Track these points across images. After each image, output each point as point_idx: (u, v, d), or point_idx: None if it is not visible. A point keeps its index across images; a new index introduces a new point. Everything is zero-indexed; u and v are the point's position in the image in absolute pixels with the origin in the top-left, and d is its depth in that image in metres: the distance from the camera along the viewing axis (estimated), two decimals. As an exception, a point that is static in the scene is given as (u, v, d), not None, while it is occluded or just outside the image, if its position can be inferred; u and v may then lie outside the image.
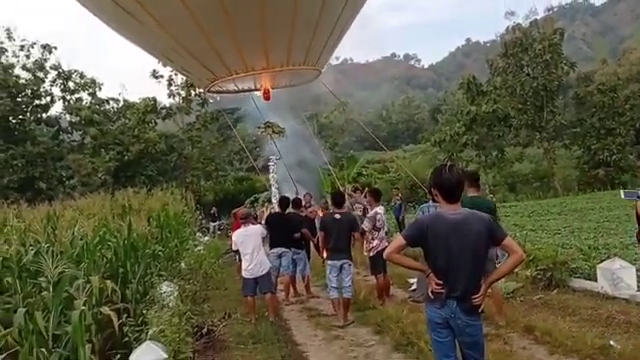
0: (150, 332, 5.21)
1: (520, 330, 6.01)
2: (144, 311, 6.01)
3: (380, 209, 8.55)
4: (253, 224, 8.64)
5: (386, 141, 75.75)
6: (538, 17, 37.32)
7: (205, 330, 6.15)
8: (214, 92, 12.17)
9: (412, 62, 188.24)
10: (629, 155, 32.38)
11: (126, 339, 5.55)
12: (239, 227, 13.92)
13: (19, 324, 4.96)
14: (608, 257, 8.47)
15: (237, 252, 13.42)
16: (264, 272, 8.09)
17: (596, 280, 7.43)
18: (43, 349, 4.78)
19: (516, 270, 8.49)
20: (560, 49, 32.12)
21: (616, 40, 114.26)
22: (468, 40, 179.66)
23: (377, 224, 8.27)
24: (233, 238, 8.72)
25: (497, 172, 34.30)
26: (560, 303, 6.95)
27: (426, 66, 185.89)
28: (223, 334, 6.59)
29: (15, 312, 5.15)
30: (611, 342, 5.14)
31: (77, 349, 5.05)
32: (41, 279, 6.04)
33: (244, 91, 11.69)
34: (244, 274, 8.16)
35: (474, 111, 32.50)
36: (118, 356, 4.67)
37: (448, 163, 4.07)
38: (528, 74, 32.46)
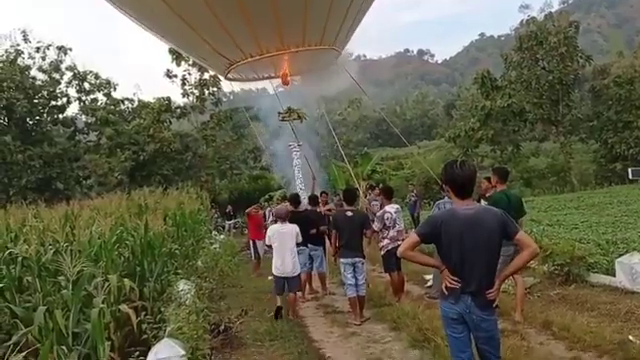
0: (168, 329, 5.26)
1: (538, 326, 5.97)
2: (162, 309, 6.07)
3: (391, 207, 8.42)
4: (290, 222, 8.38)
5: (400, 137, 75.71)
6: (553, 10, 36.91)
7: (222, 327, 6.19)
8: (234, 80, 12.06)
9: (426, 57, 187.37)
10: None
11: (144, 336, 5.62)
12: (255, 225, 14.03)
13: (39, 322, 5.03)
14: (627, 252, 8.35)
15: (255, 249, 13.52)
16: (295, 274, 7.99)
17: (614, 275, 7.35)
18: (63, 347, 4.85)
19: (533, 265, 8.45)
20: (575, 42, 31.70)
21: (632, 32, 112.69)
22: (482, 35, 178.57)
23: (386, 223, 8.18)
24: (268, 233, 8.48)
25: (513, 167, 33.93)
26: (578, 298, 6.88)
27: (440, 61, 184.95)
28: (240, 331, 6.62)
29: (35, 310, 5.24)
30: (630, 337, 5.08)
31: (96, 346, 5.12)
32: (60, 278, 6.13)
33: (264, 78, 11.61)
34: (274, 272, 8.03)
35: (489, 106, 32.25)
36: (137, 353, 4.71)
37: (460, 159, 4.09)
38: (543, 68, 32.09)
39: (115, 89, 31.64)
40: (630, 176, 19.08)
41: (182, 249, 11.06)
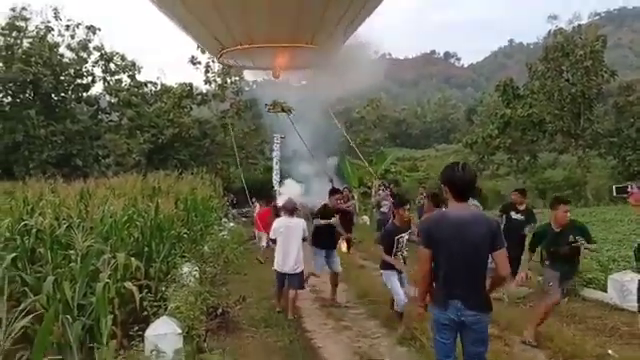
0: (168, 308, 5.53)
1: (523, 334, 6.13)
2: (164, 289, 6.35)
3: None
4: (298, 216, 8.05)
5: (419, 139, 75.57)
6: (582, 22, 36.53)
7: (220, 311, 6.45)
8: (228, 65, 12.10)
9: (452, 60, 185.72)
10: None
11: (146, 314, 5.91)
12: (265, 216, 14.25)
13: (47, 292, 5.34)
14: (624, 269, 8.46)
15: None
16: (297, 271, 7.54)
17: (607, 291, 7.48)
18: (68, 316, 5.14)
19: (530, 276, 8.56)
20: (601, 56, 31.36)
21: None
22: (511, 41, 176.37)
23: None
24: (274, 226, 8.01)
25: (528, 177, 33.84)
26: (569, 311, 7.03)
27: (466, 65, 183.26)
28: (237, 316, 6.89)
29: (45, 281, 5.54)
30: (609, 351, 5.24)
31: (99, 319, 5.41)
32: (71, 252, 6.45)
33: (260, 68, 11.72)
34: (276, 266, 7.68)
35: (509, 114, 32.11)
36: (136, 328, 4.99)
37: (461, 162, 4.09)
38: (567, 80, 31.79)
39: (139, 72, 32.14)
40: (614, 193, 19.02)
41: (190, 233, 11.38)
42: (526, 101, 32.35)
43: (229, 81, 31.54)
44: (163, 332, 4.86)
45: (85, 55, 30.99)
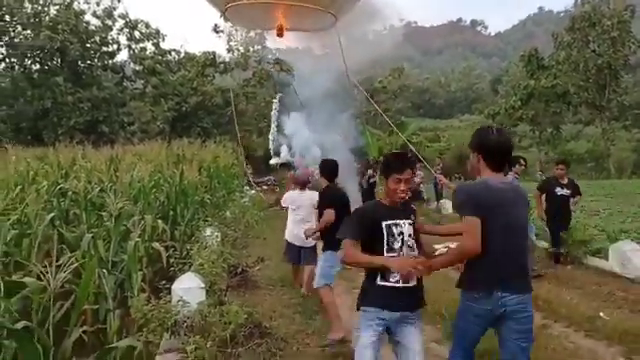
0: (192, 266, 6.04)
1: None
2: (188, 249, 6.86)
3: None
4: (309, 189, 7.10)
5: (442, 109, 74.91)
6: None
7: (239, 270, 6.95)
8: (233, 23, 12.00)
9: (479, 28, 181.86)
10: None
11: (171, 272, 6.43)
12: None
13: (84, 249, 5.87)
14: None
15: None
16: (311, 244, 6.64)
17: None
18: (104, 270, 5.68)
19: (538, 244, 8.86)
20: (629, 27, 30.71)
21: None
22: (541, 9, 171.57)
23: None
24: (285, 196, 7.41)
25: (551, 149, 33.67)
26: (570, 278, 7.36)
27: (493, 33, 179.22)
28: (256, 276, 7.38)
29: (81, 240, 6.08)
30: (600, 314, 5.59)
31: (131, 275, 5.95)
32: (103, 213, 7.00)
33: (265, 28, 11.75)
34: (287, 237, 6.99)
35: (532, 85, 31.84)
36: (164, 282, 5.50)
37: (495, 125, 3.62)
38: (594, 50, 31.29)
39: (164, 40, 32.59)
40: None
41: (213, 199, 11.93)
42: (550, 72, 32.02)
43: (251, 49, 31.74)
44: (188, 286, 5.34)
45: (110, 22, 31.51)
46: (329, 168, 5.79)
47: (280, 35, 9.65)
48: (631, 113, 33.16)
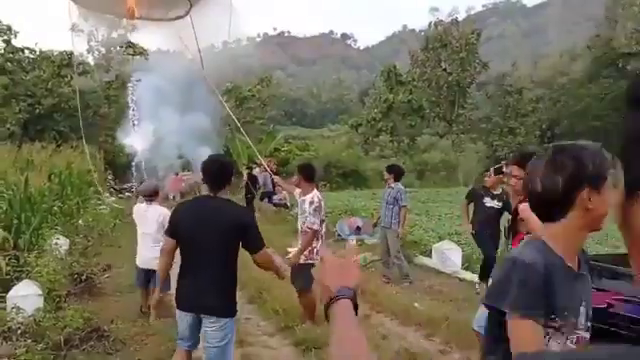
0: (30, 274, 5.95)
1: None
2: (29, 258, 6.69)
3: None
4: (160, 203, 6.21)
5: (314, 119, 77.22)
6: (459, 16, 39.44)
7: (84, 277, 6.90)
8: (83, 7, 11.80)
9: (349, 42, 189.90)
10: (526, 154, 35.29)
11: (9, 278, 6.25)
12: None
13: None
14: (459, 241, 9.92)
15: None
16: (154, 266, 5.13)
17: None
18: None
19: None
20: (476, 48, 34.32)
21: (541, 43, 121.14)
22: (404, 27, 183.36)
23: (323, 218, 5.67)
24: (134, 209, 6.44)
25: (408, 159, 36.34)
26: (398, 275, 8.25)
27: (362, 47, 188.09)
28: (103, 283, 7.35)
29: None
30: (415, 304, 6.43)
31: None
32: None
33: (115, 14, 11.63)
34: (137, 261, 6.27)
35: (391, 99, 34.24)
36: (0, 289, 5.39)
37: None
38: (444, 69, 34.47)
39: (16, 36, 30.16)
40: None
41: (64, 207, 11.49)
42: (407, 87, 34.63)
43: (114, 51, 30.55)
44: (25, 293, 5.30)
45: (-48, 14, 28.56)
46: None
47: (131, 17, 9.49)
48: (477, 127, 36.87)
